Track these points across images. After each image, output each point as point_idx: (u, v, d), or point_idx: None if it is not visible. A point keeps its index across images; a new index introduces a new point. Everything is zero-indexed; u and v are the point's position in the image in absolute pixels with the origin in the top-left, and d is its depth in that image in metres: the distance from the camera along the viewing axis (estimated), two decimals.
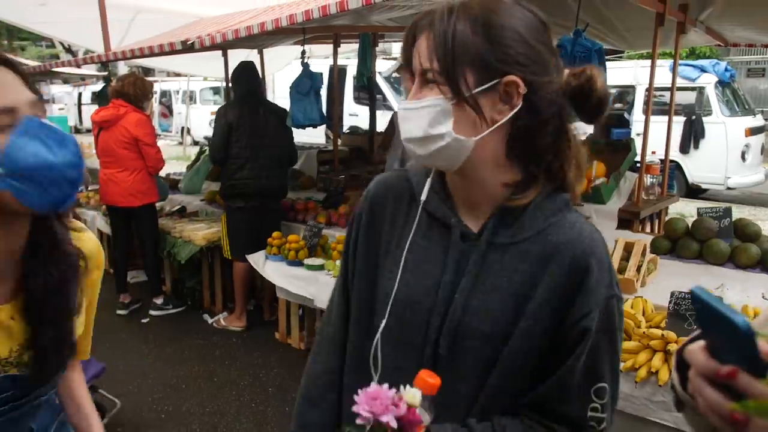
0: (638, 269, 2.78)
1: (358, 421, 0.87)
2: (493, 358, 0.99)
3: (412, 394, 0.89)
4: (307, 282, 3.67)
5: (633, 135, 5.86)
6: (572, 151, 1.00)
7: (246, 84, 4.31)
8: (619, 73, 9.23)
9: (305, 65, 5.44)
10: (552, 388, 0.98)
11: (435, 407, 0.93)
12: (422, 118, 0.94)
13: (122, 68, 17.62)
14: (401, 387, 0.90)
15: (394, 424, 0.86)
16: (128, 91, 4.41)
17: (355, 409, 0.87)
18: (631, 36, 5.01)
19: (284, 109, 4.60)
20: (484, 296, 0.99)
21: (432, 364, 1.00)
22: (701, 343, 0.65)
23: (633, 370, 2.17)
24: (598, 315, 0.95)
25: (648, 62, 3.94)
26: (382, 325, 1.04)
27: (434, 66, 0.92)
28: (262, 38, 4.38)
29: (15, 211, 0.96)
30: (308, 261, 3.75)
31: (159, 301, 4.84)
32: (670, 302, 2.31)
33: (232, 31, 3.67)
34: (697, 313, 0.62)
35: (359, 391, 0.88)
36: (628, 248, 2.89)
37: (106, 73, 6.86)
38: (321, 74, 5.69)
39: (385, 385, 0.89)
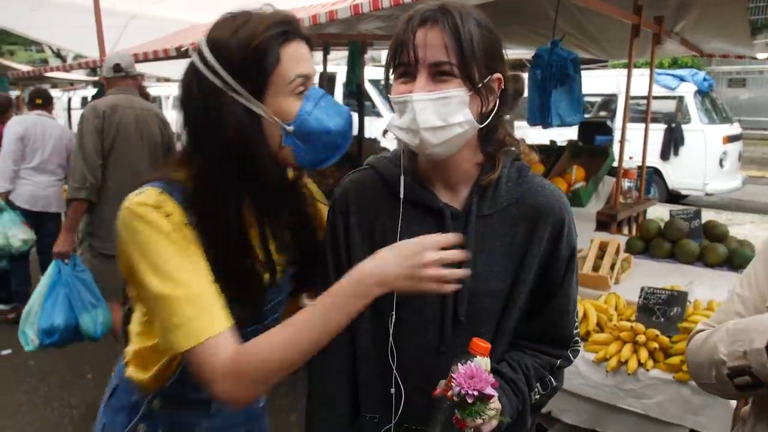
0: (612, 267, 2.92)
1: (468, 400, 0.97)
2: (503, 310, 1.17)
3: (486, 362, 1.02)
4: None
5: (616, 142, 6.05)
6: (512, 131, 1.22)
7: None
8: (602, 81, 9.44)
9: None
10: (551, 315, 1.20)
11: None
12: (442, 108, 1.05)
13: None
14: (466, 360, 1.02)
15: (494, 393, 1.00)
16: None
17: (456, 391, 0.98)
18: (610, 46, 5.18)
19: None
20: (484, 261, 1.15)
21: (452, 331, 1.15)
22: None
23: (604, 361, 2.30)
24: (572, 252, 1.20)
25: (632, 71, 4.10)
26: (393, 316, 1.15)
27: (453, 60, 1.04)
28: None
29: (288, 164, 1.13)
30: None
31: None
32: (639, 297, 2.45)
33: None
34: None
35: (453, 376, 1.00)
36: (603, 247, 3.04)
37: (96, 78, 6.93)
38: None
39: (469, 363, 1.00)
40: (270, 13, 1.08)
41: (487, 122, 1.10)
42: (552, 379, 1.23)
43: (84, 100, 22.36)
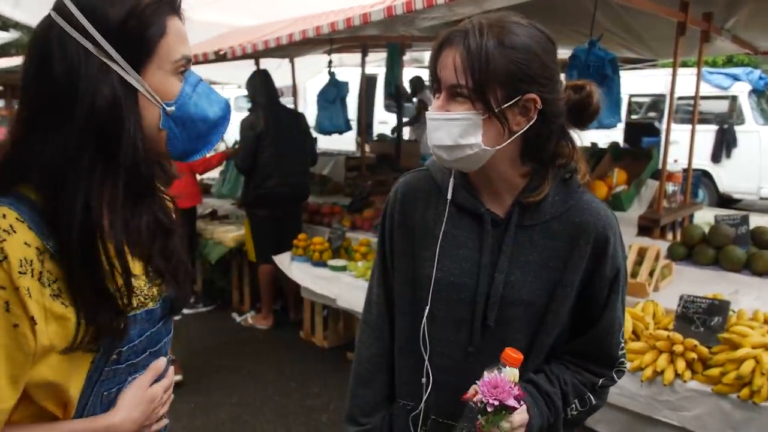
0: (651, 274, 2.83)
1: (488, 409, 1.01)
2: (536, 322, 1.17)
3: (513, 373, 1.04)
4: (330, 282, 3.81)
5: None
6: (575, 144, 1.17)
7: (267, 92, 4.39)
8: (651, 81, 9.16)
9: (331, 74, 5.63)
10: (596, 334, 1.20)
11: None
12: (453, 129, 1.08)
13: None
14: (498, 368, 1.04)
15: (516, 404, 1.02)
16: None
17: (480, 398, 1.02)
18: (657, 45, 5.00)
19: (301, 113, 4.76)
20: (520, 271, 1.16)
21: (481, 335, 1.17)
22: None
23: (639, 370, 2.23)
24: (617, 274, 1.18)
25: (681, 71, 3.94)
26: (427, 310, 1.20)
27: (467, 83, 1.05)
28: (292, 48, 4.56)
29: (158, 152, 0.97)
30: (332, 262, 3.89)
31: (191, 299, 5.04)
32: (678, 305, 2.36)
33: (262, 41, 3.85)
34: None
35: (477, 383, 1.03)
36: (642, 253, 2.94)
37: None
38: (347, 83, 5.86)
39: (494, 372, 1.03)
40: None
41: (504, 144, 1.08)
42: (591, 397, 1.22)
43: None
